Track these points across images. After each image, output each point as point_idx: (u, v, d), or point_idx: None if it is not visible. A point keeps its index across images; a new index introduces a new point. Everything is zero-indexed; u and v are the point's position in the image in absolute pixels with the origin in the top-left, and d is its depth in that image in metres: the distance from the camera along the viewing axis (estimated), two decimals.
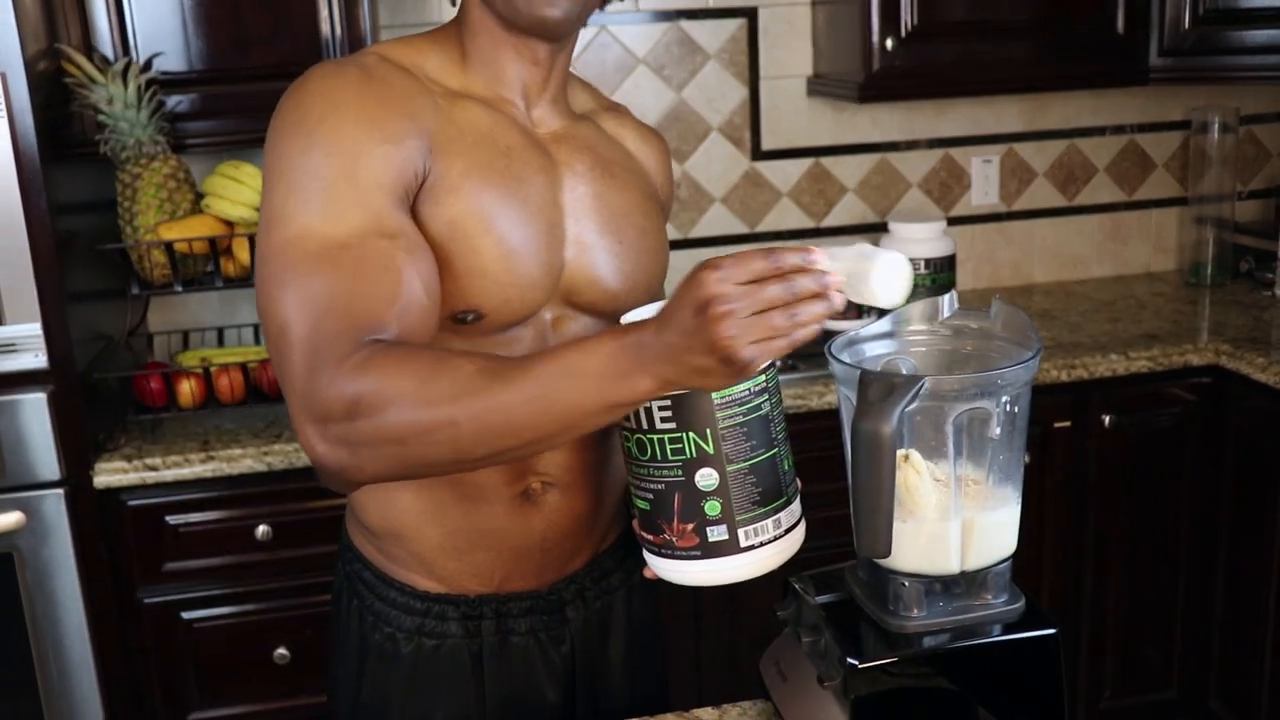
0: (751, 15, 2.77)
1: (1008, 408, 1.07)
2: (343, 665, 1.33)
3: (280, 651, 2.23)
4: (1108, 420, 2.46)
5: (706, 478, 1.06)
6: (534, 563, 1.28)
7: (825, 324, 0.95)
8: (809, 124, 2.85)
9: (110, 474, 2.11)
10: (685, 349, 0.94)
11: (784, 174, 2.86)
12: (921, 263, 2.64)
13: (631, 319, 1.07)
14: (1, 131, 1.95)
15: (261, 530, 2.19)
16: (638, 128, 1.37)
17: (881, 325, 1.17)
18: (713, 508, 1.06)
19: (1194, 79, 2.70)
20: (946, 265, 2.66)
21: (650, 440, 1.06)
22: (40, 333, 2.03)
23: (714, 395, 1.03)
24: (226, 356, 2.33)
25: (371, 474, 1.05)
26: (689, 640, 2.42)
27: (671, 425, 1.05)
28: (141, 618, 2.19)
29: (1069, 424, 2.46)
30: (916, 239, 2.65)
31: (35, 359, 2.04)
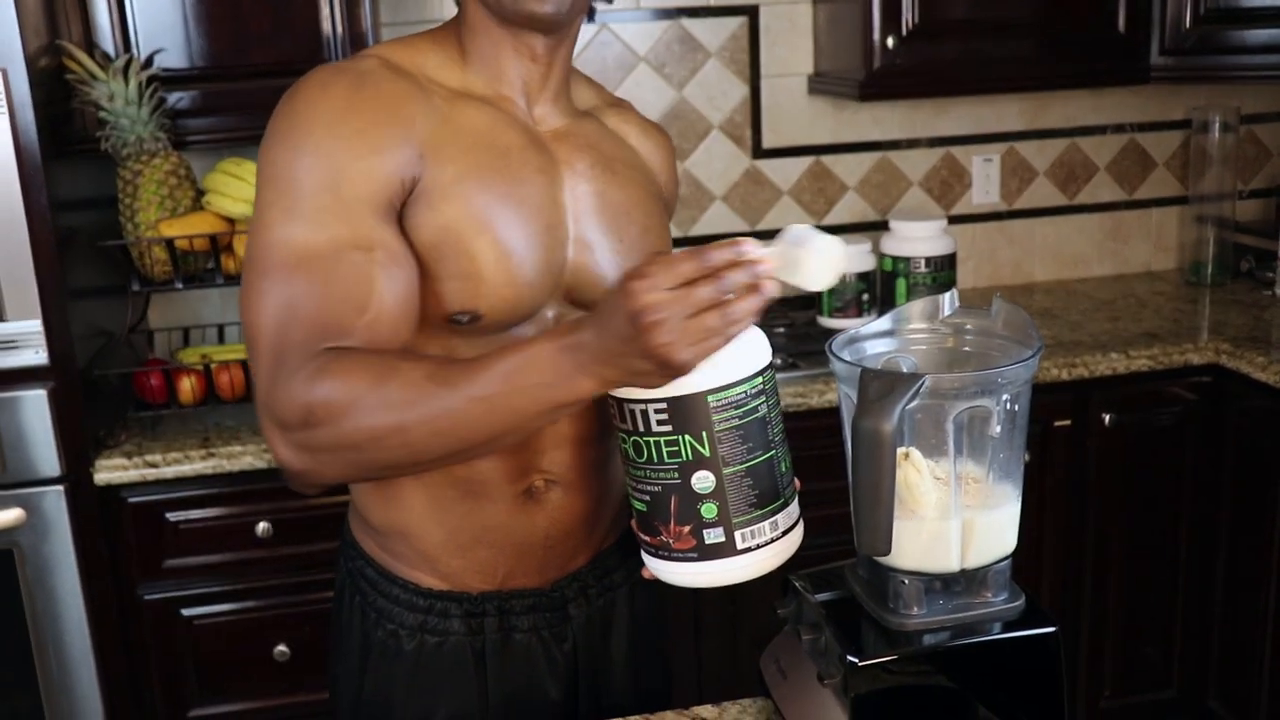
0: (752, 13, 2.77)
1: (1008, 406, 1.07)
2: (345, 662, 1.33)
3: (280, 648, 2.24)
4: (1108, 419, 2.46)
5: (702, 480, 1.05)
6: (537, 560, 1.28)
7: (821, 324, 0.95)
8: (810, 122, 2.85)
9: (110, 471, 2.11)
10: (622, 353, 0.97)
11: (785, 172, 2.86)
12: (922, 261, 2.65)
13: None
14: (3, 128, 1.96)
15: (262, 527, 2.19)
16: (642, 123, 1.37)
17: (882, 323, 1.17)
18: (709, 510, 1.06)
19: (1195, 78, 2.70)
20: (947, 264, 2.67)
21: (646, 443, 1.06)
22: (41, 329, 2.03)
23: (710, 399, 1.03)
24: (227, 353, 2.33)
25: (332, 477, 1.10)
26: (689, 638, 2.42)
27: (667, 428, 1.04)
28: (142, 614, 2.19)
29: (1069, 423, 2.46)
30: (917, 237, 2.65)
31: (36, 355, 2.04)
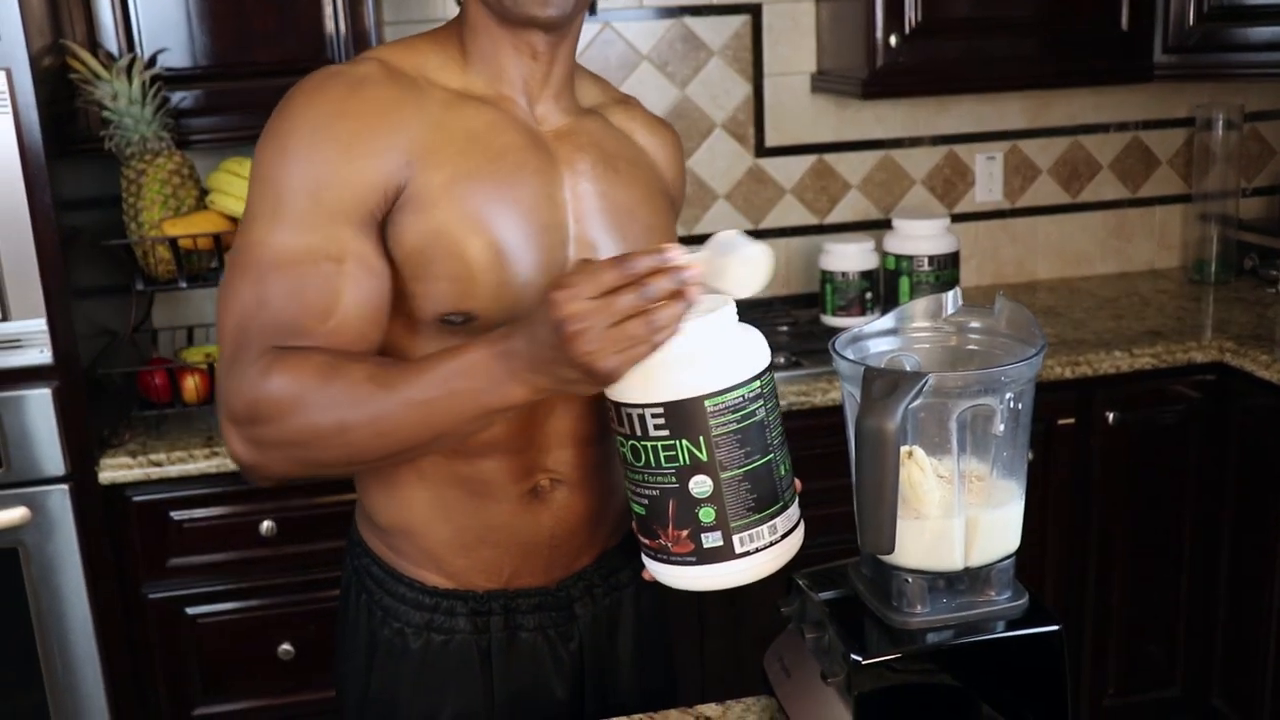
0: (755, 11, 2.77)
1: (1011, 404, 1.07)
2: (351, 660, 1.34)
3: (284, 647, 2.24)
4: (1111, 417, 2.46)
5: (700, 485, 1.05)
6: (542, 559, 1.28)
7: (825, 322, 0.95)
8: (813, 120, 2.85)
9: (115, 470, 2.11)
10: (551, 361, 0.99)
11: (787, 171, 2.86)
12: (925, 259, 2.64)
13: None
14: (6, 127, 1.96)
15: (266, 526, 2.19)
16: (648, 120, 1.36)
17: (886, 322, 1.17)
18: (707, 514, 1.06)
19: (1198, 76, 2.70)
20: (950, 262, 2.66)
21: (644, 447, 1.06)
22: (45, 328, 2.03)
23: (707, 403, 1.03)
24: None
25: (280, 473, 1.12)
26: (693, 637, 2.42)
27: (664, 433, 1.04)
28: (146, 613, 2.20)
29: (1073, 421, 2.46)
30: (920, 236, 2.65)
31: (40, 355, 2.04)
